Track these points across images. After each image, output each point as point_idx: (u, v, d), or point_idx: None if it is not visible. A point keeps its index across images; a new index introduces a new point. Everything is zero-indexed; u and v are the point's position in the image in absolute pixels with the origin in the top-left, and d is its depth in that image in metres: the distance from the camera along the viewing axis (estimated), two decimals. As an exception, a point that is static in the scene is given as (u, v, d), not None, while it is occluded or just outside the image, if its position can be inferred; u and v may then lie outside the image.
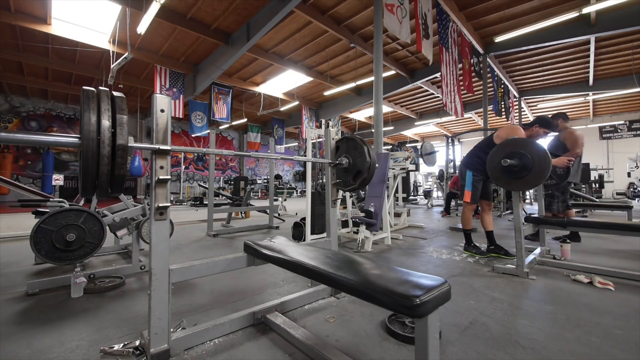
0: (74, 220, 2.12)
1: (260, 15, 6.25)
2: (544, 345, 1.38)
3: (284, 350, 1.34)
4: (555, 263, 2.66)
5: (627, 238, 3.75)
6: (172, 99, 2.46)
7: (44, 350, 1.34)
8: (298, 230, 3.76)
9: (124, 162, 1.02)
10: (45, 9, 6.02)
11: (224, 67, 7.87)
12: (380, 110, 4.90)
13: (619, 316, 1.66)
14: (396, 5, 4.90)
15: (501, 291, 2.05)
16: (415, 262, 2.87)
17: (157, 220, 1.21)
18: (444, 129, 17.75)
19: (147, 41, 7.50)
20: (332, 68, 9.28)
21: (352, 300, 1.89)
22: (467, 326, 1.55)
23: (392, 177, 4.60)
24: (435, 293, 0.85)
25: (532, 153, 2.28)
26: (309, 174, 3.50)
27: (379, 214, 3.49)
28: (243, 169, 17.47)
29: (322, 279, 1.14)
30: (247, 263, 1.58)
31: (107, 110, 1.00)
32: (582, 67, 9.32)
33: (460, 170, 3.24)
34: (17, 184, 3.19)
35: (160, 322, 1.23)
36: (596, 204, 5.12)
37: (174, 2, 6.06)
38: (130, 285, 2.19)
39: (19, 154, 10.69)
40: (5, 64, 8.45)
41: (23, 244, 3.39)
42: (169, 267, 1.27)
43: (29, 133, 0.97)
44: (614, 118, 13.75)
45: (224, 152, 1.54)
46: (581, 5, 5.35)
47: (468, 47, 7.27)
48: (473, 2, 6.36)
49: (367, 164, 1.85)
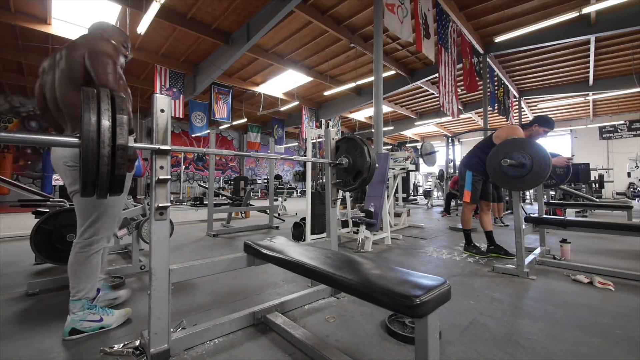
0: (74, 220, 2.11)
1: (260, 15, 6.25)
2: (544, 345, 1.38)
3: (284, 350, 1.34)
4: (555, 263, 2.66)
5: (627, 238, 3.75)
6: (172, 99, 2.45)
7: (44, 350, 1.34)
8: (298, 230, 3.76)
9: (124, 162, 1.01)
10: (45, 9, 6.02)
11: (224, 67, 7.87)
12: (380, 110, 4.91)
13: (619, 316, 1.66)
14: (397, 5, 4.90)
15: (501, 291, 2.05)
16: (415, 262, 2.87)
17: (157, 220, 1.21)
18: (444, 129, 17.75)
19: (147, 41, 7.50)
20: (332, 68, 9.28)
21: (352, 300, 1.88)
22: (467, 326, 1.55)
23: (392, 177, 4.60)
24: (435, 293, 0.85)
25: (532, 153, 2.28)
26: (309, 174, 3.50)
27: (379, 214, 3.49)
28: (243, 169, 17.47)
29: (322, 279, 1.14)
30: (247, 263, 1.58)
31: (107, 110, 1.00)
32: (582, 67, 9.32)
33: (459, 171, 3.24)
34: (17, 184, 3.19)
35: (160, 322, 1.22)
36: (596, 204, 5.12)
37: (174, 2, 6.06)
38: (130, 285, 2.19)
39: (19, 154, 10.68)
40: (5, 64, 8.45)
41: (23, 244, 3.38)
42: (169, 267, 1.27)
43: (29, 133, 0.96)
44: (614, 118, 13.74)
45: (224, 152, 1.54)
46: (581, 5, 5.36)
47: (468, 47, 7.27)
48: (473, 2, 6.35)
49: (367, 164, 1.85)
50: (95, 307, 1.52)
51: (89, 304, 1.49)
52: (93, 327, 1.48)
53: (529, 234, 2.78)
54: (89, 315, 1.48)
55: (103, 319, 1.51)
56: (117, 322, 1.56)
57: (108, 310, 1.55)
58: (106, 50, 1.42)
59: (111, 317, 1.54)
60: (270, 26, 6.12)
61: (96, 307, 1.52)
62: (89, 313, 1.48)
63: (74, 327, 1.44)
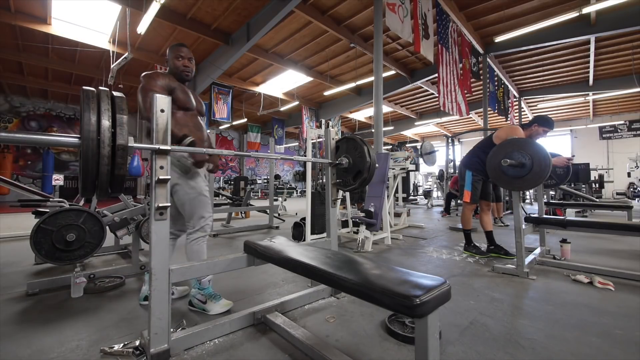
0: (73, 220, 2.11)
1: (260, 15, 6.25)
2: (544, 345, 1.38)
3: (284, 350, 1.34)
4: (555, 263, 2.66)
5: (627, 238, 3.75)
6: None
7: (44, 350, 1.34)
8: (298, 230, 3.76)
9: (124, 162, 1.02)
10: (45, 9, 6.02)
11: (224, 67, 7.87)
12: (380, 110, 4.90)
13: (619, 316, 1.66)
14: (397, 4, 4.89)
15: (501, 291, 2.05)
16: (415, 262, 2.87)
17: (157, 220, 1.21)
18: (444, 129, 17.75)
19: (147, 41, 7.50)
20: (332, 68, 9.28)
21: (352, 300, 1.88)
22: (467, 326, 1.55)
23: (392, 177, 4.60)
24: (435, 293, 0.85)
25: (532, 153, 2.28)
26: (309, 174, 3.50)
27: (379, 214, 3.49)
28: (243, 169, 17.46)
29: (322, 279, 1.14)
30: (247, 263, 1.58)
31: (107, 110, 1.00)
32: (582, 67, 9.32)
33: (459, 171, 3.24)
34: (17, 184, 3.19)
35: (160, 322, 1.22)
36: (596, 204, 5.11)
37: (174, 2, 6.06)
38: (130, 285, 2.19)
39: (19, 154, 10.68)
40: (5, 64, 8.45)
41: (23, 244, 3.38)
42: (169, 267, 1.27)
43: (29, 133, 0.96)
44: (614, 118, 13.74)
45: (224, 152, 1.54)
46: (581, 5, 5.35)
47: (468, 47, 7.27)
48: (473, 2, 6.35)
49: (367, 164, 1.85)
50: (204, 290, 1.74)
51: (198, 285, 1.74)
52: (199, 305, 1.72)
53: (529, 234, 2.78)
54: (198, 294, 1.73)
55: (207, 302, 1.71)
56: (217, 311, 1.68)
57: (216, 297, 1.74)
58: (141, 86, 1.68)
59: (213, 305, 1.70)
60: (270, 26, 6.12)
61: (205, 289, 1.74)
62: (198, 292, 1.74)
63: (191, 300, 1.76)
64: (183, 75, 1.81)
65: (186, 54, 1.82)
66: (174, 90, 1.71)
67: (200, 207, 1.73)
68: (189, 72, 1.82)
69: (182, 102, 1.73)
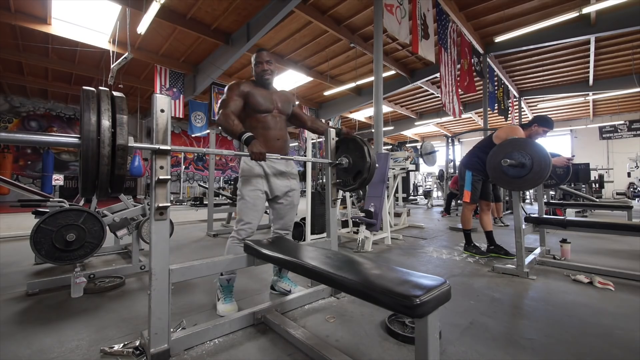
0: (74, 220, 2.11)
1: (260, 15, 6.25)
2: (544, 345, 1.38)
3: (284, 350, 1.34)
4: (555, 263, 2.66)
5: (627, 238, 3.75)
6: (172, 99, 2.45)
7: (44, 350, 1.34)
8: (298, 230, 3.76)
9: (124, 162, 1.02)
10: (45, 9, 6.01)
11: (224, 67, 7.86)
12: (380, 110, 4.90)
13: (619, 316, 1.66)
14: (395, 5, 4.89)
15: (501, 291, 2.05)
16: (415, 262, 2.87)
17: (157, 220, 1.21)
18: (444, 129, 17.74)
19: (147, 41, 7.50)
20: (332, 68, 9.28)
21: (352, 300, 1.89)
22: (467, 326, 1.55)
23: (392, 177, 4.60)
24: (435, 293, 0.85)
25: (532, 153, 2.28)
26: (309, 174, 3.50)
27: (379, 214, 3.49)
28: (243, 169, 17.43)
29: (322, 279, 1.14)
30: (247, 263, 1.58)
31: (107, 110, 1.00)
32: (582, 67, 9.32)
33: (459, 171, 3.24)
34: (17, 184, 3.18)
35: (160, 322, 1.23)
36: (596, 204, 5.11)
37: (174, 2, 6.06)
38: (130, 285, 2.19)
39: (19, 154, 10.68)
40: (5, 64, 8.44)
41: (23, 244, 3.38)
42: (169, 267, 1.27)
43: (29, 133, 0.97)
44: (614, 118, 13.73)
45: (224, 152, 1.54)
46: (581, 5, 5.35)
47: (468, 47, 7.27)
48: (473, 2, 6.35)
49: (367, 164, 1.85)
50: (284, 279, 2.03)
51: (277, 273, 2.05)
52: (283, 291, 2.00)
53: (529, 234, 2.78)
54: (278, 282, 2.02)
55: (291, 290, 1.96)
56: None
57: (293, 284, 2.01)
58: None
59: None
60: (270, 26, 6.12)
61: (284, 278, 2.03)
62: (277, 280, 2.03)
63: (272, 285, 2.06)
64: (263, 79, 1.89)
65: (263, 58, 1.89)
66: (247, 95, 1.80)
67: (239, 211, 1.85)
68: (268, 76, 1.89)
69: (253, 105, 1.81)
